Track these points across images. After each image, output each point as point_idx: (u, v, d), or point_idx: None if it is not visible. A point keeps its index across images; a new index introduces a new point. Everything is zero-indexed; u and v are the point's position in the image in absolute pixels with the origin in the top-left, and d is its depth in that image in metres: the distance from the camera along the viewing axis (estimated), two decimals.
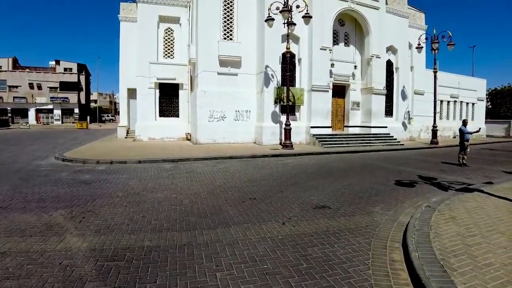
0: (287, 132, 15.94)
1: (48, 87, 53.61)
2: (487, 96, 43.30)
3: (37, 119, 52.49)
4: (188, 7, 20.70)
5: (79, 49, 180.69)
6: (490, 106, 45.74)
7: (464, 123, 12.17)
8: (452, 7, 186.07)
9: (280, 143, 16.85)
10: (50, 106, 53.19)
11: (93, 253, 3.83)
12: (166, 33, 21.24)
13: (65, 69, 56.71)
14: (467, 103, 30.32)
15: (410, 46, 22.93)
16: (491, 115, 42.81)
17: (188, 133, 20.64)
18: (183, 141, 19.94)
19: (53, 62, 59.42)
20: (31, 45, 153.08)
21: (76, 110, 54.64)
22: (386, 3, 20.70)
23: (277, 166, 10.94)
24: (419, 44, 21.22)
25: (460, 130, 12.04)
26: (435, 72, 20.84)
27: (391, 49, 21.61)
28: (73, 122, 51.42)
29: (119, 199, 6.39)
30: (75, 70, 57.29)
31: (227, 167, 10.65)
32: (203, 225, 4.91)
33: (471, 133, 11.87)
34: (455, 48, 20.09)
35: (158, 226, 4.85)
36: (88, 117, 51.23)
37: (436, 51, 20.33)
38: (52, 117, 53.48)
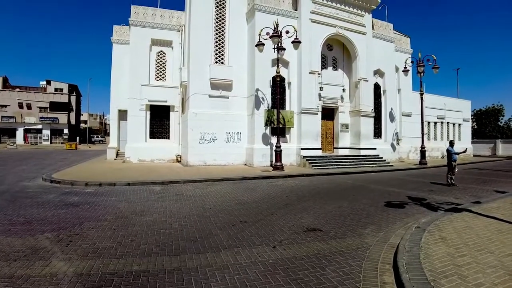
0: (278, 154, 16.02)
1: (38, 107, 53.29)
2: (473, 117, 44.72)
3: (25, 139, 51.69)
4: (181, 31, 21.20)
5: (71, 70, 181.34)
6: (475, 126, 47.09)
7: (451, 143, 12.46)
8: (436, 30, 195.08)
9: (271, 165, 16.88)
10: (39, 126, 52.60)
11: (80, 278, 3.72)
12: (158, 56, 21.58)
13: (56, 90, 56.63)
14: (454, 124, 31.19)
15: (397, 69, 23.76)
16: (477, 135, 44.06)
17: (178, 155, 20.55)
18: (173, 163, 19.81)
19: (44, 82, 59.38)
20: (22, 65, 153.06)
21: (66, 131, 54.09)
22: (373, 28, 21.60)
23: (268, 188, 10.91)
24: (405, 68, 22.06)
25: (447, 150, 12.32)
26: (421, 94, 21.53)
27: (378, 73, 22.34)
28: (62, 143, 50.78)
29: (107, 222, 6.25)
30: (66, 90, 57.26)
31: (218, 189, 10.58)
32: (192, 250, 4.82)
33: (458, 153, 12.17)
34: (441, 70, 20.94)
35: (147, 250, 4.75)
36: (78, 138, 50.65)
37: (422, 74, 21.11)
38: (40, 137, 52.80)
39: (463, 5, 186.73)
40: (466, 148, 17.08)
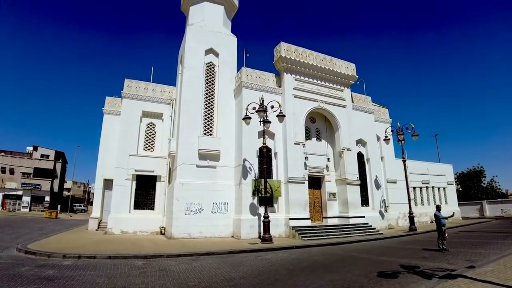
0: (266, 225, 15.66)
1: (21, 172, 52.10)
2: (456, 180, 45.75)
3: (3, 205, 49.38)
4: (171, 105, 22.17)
5: (60, 136, 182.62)
6: (460, 189, 47.85)
7: (438, 208, 12.47)
8: (412, 99, 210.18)
9: (259, 237, 16.37)
10: (20, 192, 50.76)
11: None
12: (148, 127, 22.17)
13: (42, 156, 56.08)
14: (439, 188, 31.68)
15: (378, 138, 24.83)
16: (463, 197, 44.57)
17: (162, 227, 19.82)
18: (156, 236, 19.01)
19: (31, 148, 59.01)
20: (11, 129, 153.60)
21: (47, 198, 52.20)
22: (352, 101, 23.08)
23: (257, 263, 10.42)
24: (386, 137, 23.11)
25: (435, 215, 12.29)
26: (404, 161, 22.20)
27: (360, 142, 23.24)
28: (42, 211, 48.57)
29: None
30: (52, 157, 56.75)
31: (203, 264, 10.04)
32: None
33: (446, 218, 12.14)
34: (422, 135, 21.96)
35: None
36: (59, 206, 48.78)
37: (403, 142, 22.09)
38: (20, 204, 50.56)
39: (435, 75, 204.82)
40: (454, 212, 17.17)
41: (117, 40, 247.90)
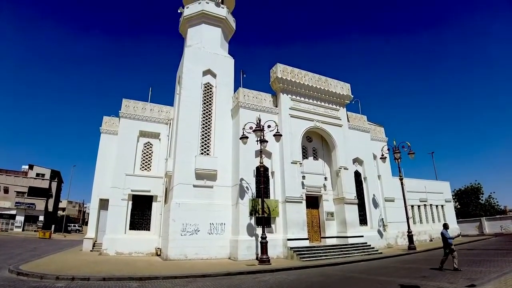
0: (264, 245, 15.44)
1: (15, 191, 51.43)
2: (454, 197, 45.66)
3: None
4: (169, 124, 22.30)
5: (57, 154, 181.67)
6: (459, 206, 47.68)
7: (445, 226, 11.99)
8: (407, 117, 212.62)
9: (257, 258, 16.11)
10: (13, 212, 49.93)
11: None
12: (145, 146, 22.20)
13: (38, 174, 55.55)
14: (437, 206, 31.51)
15: (375, 157, 24.91)
16: (462, 214, 44.34)
17: (158, 248, 19.49)
18: (152, 257, 18.71)
19: (26, 167, 58.51)
20: (5, 147, 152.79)
21: (41, 218, 51.33)
22: (348, 121, 23.32)
23: (254, 285, 10.22)
24: (382, 155, 23.23)
25: (441, 234, 11.93)
26: (401, 179, 22.23)
27: (357, 161, 23.32)
28: (35, 231, 47.68)
29: None
30: (47, 176, 56.25)
31: (200, 287, 9.85)
32: None
33: (452, 238, 11.76)
34: (417, 153, 22.06)
35: None
36: (53, 226, 47.93)
37: (399, 160, 22.17)
38: (13, 224, 49.62)
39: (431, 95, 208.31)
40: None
41: (116, 61, 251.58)
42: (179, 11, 24.72)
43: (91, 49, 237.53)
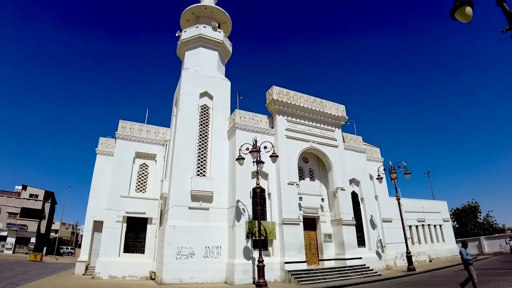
0: (261, 269, 15.14)
1: (7, 212, 50.35)
2: (452, 216, 45.44)
3: None
4: (165, 146, 22.33)
5: (51, 175, 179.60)
6: (457, 225, 47.39)
7: (464, 245, 11.17)
8: (403, 138, 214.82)
9: (254, 282, 15.73)
10: (4, 233, 48.65)
11: None
12: (141, 168, 22.10)
13: (31, 195, 54.66)
14: (435, 225, 31.30)
15: (371, 177, 24.91)
16: (460, 234, 44.01)
17: (152, 272, 19.02)
18: (146, 281, 18.27)
19: (20, 187, 57.68)
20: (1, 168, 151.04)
21: (33, 240, 50.08)
22: (344, 141, 23.50)
23: None
24: (379, 175, 23.25)
25: (460, 252, 11.37)
26: (398, 200, 22.15)
27: (354, 181, 23.28)
28: (26, 253, 46.40)
29: None
30: (41, 197, 55.37)
31: None
32: None
33: (470, 259, 11.05)
34: (414, 173, 22.06)
35: None
36: (45, 248, 46.65)
37: (396, 180, 22.16)
38: (3, 245, 48.26)
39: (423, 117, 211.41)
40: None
41: (113, 82, 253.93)
42: (176, 35, 25.29)
43: (88, 70, 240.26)
